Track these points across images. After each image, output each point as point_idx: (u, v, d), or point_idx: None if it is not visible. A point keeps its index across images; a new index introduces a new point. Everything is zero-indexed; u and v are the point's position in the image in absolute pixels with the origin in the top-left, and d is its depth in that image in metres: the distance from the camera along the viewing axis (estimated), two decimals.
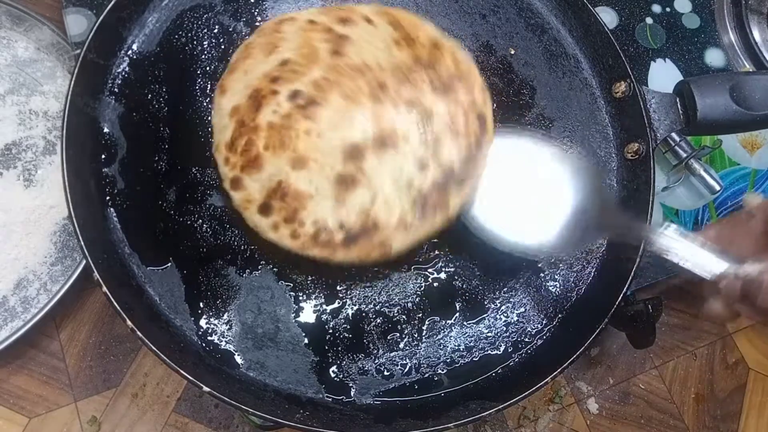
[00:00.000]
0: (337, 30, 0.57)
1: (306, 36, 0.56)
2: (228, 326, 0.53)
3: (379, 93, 0.54)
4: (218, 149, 0.54)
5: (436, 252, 0.58)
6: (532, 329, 0.58)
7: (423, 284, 0.57)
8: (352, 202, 0.52)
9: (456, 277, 0.58)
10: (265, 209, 0.52)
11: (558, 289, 0.59)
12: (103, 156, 0.55)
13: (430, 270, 0.57)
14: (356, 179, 0.52)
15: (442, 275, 0.57)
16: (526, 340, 0.57)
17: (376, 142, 0.53)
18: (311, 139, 0.52)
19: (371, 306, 0.55)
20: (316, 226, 0.52)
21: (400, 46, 0.57)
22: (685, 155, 0.73)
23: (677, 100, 0.62)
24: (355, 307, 0.55)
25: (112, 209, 0.54)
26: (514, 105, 0.64)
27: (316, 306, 0.55)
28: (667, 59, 0.84)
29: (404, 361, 0.55)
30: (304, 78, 0.54)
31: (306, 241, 0.52)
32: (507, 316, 0.58)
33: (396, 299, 0.56)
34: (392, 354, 0.54)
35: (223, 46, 0.60)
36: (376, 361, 0.54)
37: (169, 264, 0.53)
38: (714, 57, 0.86)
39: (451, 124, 0.54)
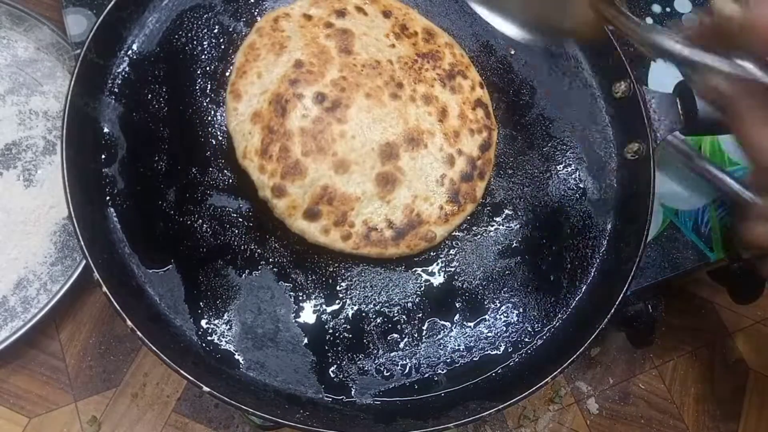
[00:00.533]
0: (337, 24, 0.58)
1: (309, 33, 0.57)
2: (228, 326, 0.53)
3: (397, 91, 0.57)
4: (248, 157, 0.54)
5: (436, 252, 0.58)
6: (532, 329, 0.58)
7: (423, 284, 0.57)
8: (396, 200, 0.55)
9: (456, 278, 0.58)
10: (311, 215, 0.53)
11: (558, 290, 0.59)
12: (103, 156, 0.55)
13: (430, 270, 0.57)
14: (396, 178, 0.55)
15: (442, 276, 0.58)
16: (526, 340, 0.57)
17: (406, 141, 0.56)
18: (348, 142, 0.54)
19: (371, 306, 0.55)
20: (367, 226, 0.55)
21: (399, 38, 0.60)
22: None
23: (677, 100, 0.62)
24: (355, 307, 0.55)
25: (112, 209, 0.54)
26: (514, 105, 0.64)
27: (316, 306, 0.55)
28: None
29: (404, 361, 0.55)
30: (323, 79, 0.55)
31: (358, 242, 0.54)
32: (507, 317, 0.58)
33: (396, 299, 0.56)
34: (392, 354, 0.54)
35: (223, 46, 0.60)
36: (376, 361, 0.54)
37: (170, 266, 0.53)
38: None
39: (462, 116, 0.59)
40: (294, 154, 0.53)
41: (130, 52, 0.58)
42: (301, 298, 0.55)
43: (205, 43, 0.59)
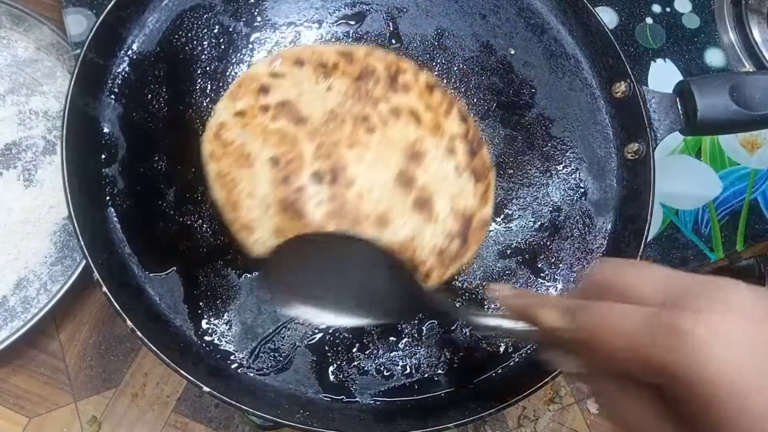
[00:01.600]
0: (271, 101, 0.55)
1: (256, 126, 0.54)
2: (228, 326, 0.53)
3: (368, 125, 0.56)
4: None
5: None
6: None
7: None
8: (440, 213, 0.55)
9: (456, 278, 0.58)
10: None
11: (558, 290, 0.59)
12: (103, 156, 0.55)
13: None
14: (427, 196, 0.55)
15: None
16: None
17: (409, 160, 0.56)
18: (369, 198, 0.53)
19: None
20: (436, 253, 0.54)
21: (327, 76, 0.58)
22: None
23: (677, 100, 0.62)
24: None
25: (112, 209, 0.54)
26: (514, 105, 0.64)
27: None
28: (667, 59, 0.84)
29: (404, 361, 0.55)
30: (306, 159, 0.54)
31: (442, 272, 0.55)
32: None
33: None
34: (392, 354, 0.54)
35: (223, 46, 0.60)
36: (376, 361, 0.54)
37: (170, 267, 0.53)
38: (714, 57, 0.86)
39: (428, 106, 0.59)
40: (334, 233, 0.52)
41: (130, 52, 0.58)
42: None
43: (205, 43, 0.59)
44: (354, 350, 0.54)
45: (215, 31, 0.60)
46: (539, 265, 0.60)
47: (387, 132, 0.56)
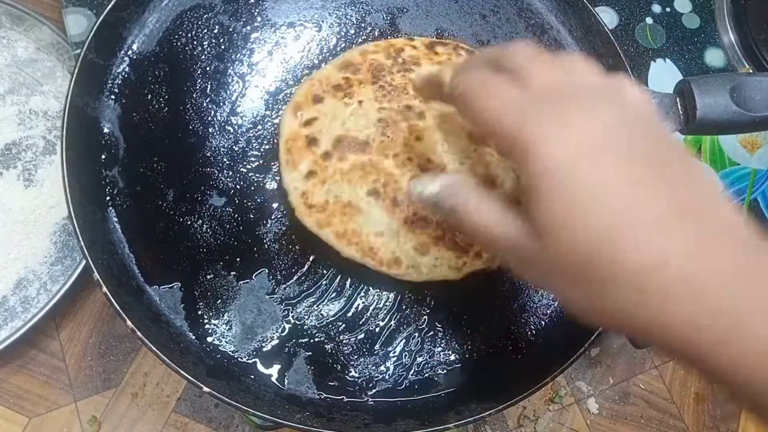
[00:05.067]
0: (325, 148, 0.54)
1: (335, 180, 0.53)
2: (228, 326, 0.53)
3: (414, 113, 0.55)
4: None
5: None
6: (532, 329, 0.58)
7: None
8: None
9: None
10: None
11: (567, 310, 0.59)
12: (103, 156, 0.55)
13: None
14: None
15: None
16: (527, 340, 0.57)
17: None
18: (462, 167, 0.53)
19: (372, 306, 0.55)
20: None
21: (350, 92, 0.56)
22: None
23: (677, 100, 0.62)
24: (356, 308, 0.55)
25: (112, 209, 0.54)
26: None
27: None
28: (667, 59, 0.84)
29: (404, 362, 0.55)
30: (394, 174, 0.53)
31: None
32: (507, 317, 0.58)
33: (397, 301, 0.56)
34: (392, 354, 0.54)
35: (223, 46, 0.60)
36: (376, 362, 0.54)
37: (171, 269, 0.53)
38: (714, 57, 0.86)
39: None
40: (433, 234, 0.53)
41: (130, 52, 0.58)
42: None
43: (205, 43, 0.59)
44: (354, 350, 0.54)
45: (215, 31, 0.60)
46: None
47: (432, 105, 0.55)
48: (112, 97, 0.56)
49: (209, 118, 0.57)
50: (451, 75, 0.38)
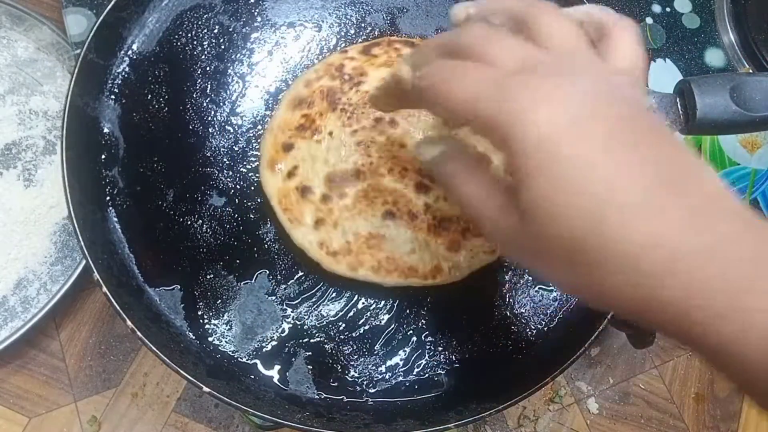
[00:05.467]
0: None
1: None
2: (228, 326, 0.53)
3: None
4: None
5: None
6: (532, 329, 0.58)
7: None
8: None
9: None
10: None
11: (558, 290, 0.59)
12: (103, 156, 0.55)
13: None
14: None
15: None
16: (527, 340, 0.57)
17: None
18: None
19: (373, 307, 0.55)
20: None
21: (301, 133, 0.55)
22: None
23: (677, 100, 0.62)
24: (356, 308, 0.55)
25: (112, 209, 0.54)
26: None
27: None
28: (667, 59, 0.84)
29: (404, 362, 0.55)
30: (407, 195, 0.52)
31: None
32: (507, 317, 0.58)
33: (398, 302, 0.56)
34: (392, 354, 0.54)
35: (222, 46, 0.60)
36: (376, 362, 0.54)
37: (171, 269, 0.53)
38: (714, 57, 0.86)
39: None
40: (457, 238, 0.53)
41: (130, 52, 0.58)
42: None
43: (205, 43, 0.59)
44: (354, 350, 0.54)
45: (215, 31, 0.60)
46: None
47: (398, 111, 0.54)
48: (112, 97, 0.56)
49: (209, 118, 0.57)
50: (407, 73, 0.36)
